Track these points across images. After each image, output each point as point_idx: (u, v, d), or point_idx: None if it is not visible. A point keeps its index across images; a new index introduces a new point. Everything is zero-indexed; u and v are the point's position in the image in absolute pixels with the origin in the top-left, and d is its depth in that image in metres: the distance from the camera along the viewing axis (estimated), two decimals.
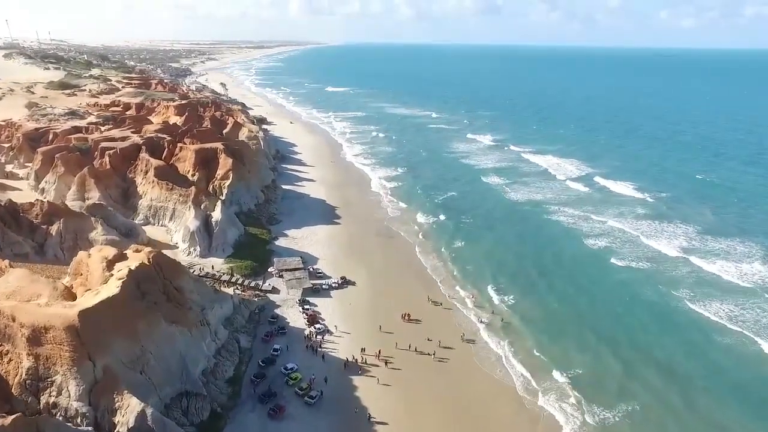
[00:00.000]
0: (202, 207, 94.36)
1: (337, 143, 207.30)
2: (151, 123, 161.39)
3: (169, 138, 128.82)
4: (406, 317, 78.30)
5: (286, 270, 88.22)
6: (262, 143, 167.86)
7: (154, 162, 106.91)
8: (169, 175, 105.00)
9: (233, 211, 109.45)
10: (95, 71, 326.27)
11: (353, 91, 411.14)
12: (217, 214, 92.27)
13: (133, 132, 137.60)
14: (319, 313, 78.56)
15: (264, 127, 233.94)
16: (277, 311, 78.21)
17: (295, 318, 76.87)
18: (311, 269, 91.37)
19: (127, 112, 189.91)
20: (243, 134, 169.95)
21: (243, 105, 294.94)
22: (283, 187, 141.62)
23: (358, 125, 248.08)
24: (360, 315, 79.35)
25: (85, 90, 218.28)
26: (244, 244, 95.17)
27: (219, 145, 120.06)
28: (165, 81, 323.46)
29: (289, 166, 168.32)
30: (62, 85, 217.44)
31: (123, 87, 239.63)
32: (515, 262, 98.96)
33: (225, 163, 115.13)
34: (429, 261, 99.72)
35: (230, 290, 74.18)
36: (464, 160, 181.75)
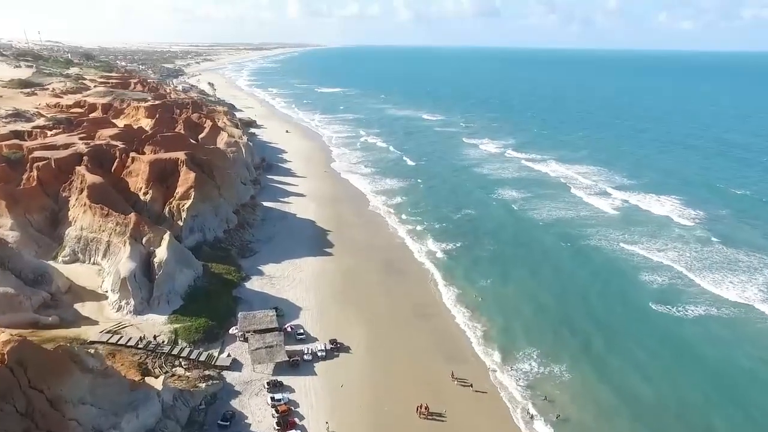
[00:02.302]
0: (144, 241, 70.02)
1: (331, 150, 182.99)
2: (114, 126, 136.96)
3: (123, 146, 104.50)
4: (424, 411, 53.85)
5: (255, 331, 63.84)
6: (243, 150, 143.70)
7: (90, 178, 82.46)
8: (107, 196, 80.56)
9: (195, 240, 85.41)
10: (73, 70, 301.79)
11: (351, 93, 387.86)
12: (162, 253, 67.82)
13: (83, 138, 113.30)
14: (297, 406, 54.13)
15: (252, 130, 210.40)
16: (235, 403, 53.66)
17: (261, 415, 52.32)
18: (289, 328, 67.04)
19: (92, 114, 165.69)
20: (222, 140, 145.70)
21: (231, 106, 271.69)
22: (265, 204, 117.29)
23: (355, 129, 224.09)
24: (356, 406, 54.88)
25: (48, 89, 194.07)
26: (201, 291, 70.65)
27: (180, 155, 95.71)
28: (148, 81, 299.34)
29: (275, 177, 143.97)
30: (23, 84, 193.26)
31: (96, 86, 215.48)
32: (550, 310, 76.19)
33: (186, 177, 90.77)
34: (449, 310, 75.45)
35: (159, 382, 49.44)
36: (471, 170, 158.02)
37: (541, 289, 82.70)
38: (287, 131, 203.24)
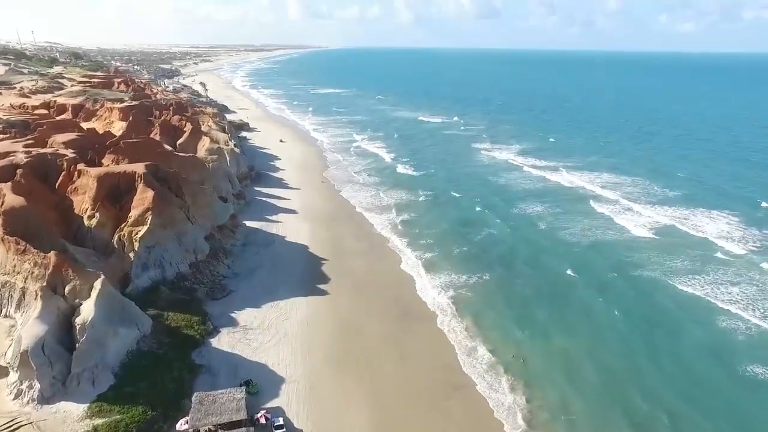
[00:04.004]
0: (66, 291, 51.03)
1: (330, 157, 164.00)
2: (77, 130, 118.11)
3: (73, 155, 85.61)
4: None
5: (213, 426, 44.86)
6: (227, 158, 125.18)
7: (9, 199, 63.40)
8: (31, 223, 61.54)
9: (149, 279, 66.54)
10: (56, 69, 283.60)
11: (350, 94, 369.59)
12: (87, 310, 48.81)
13: (29, 145, 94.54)
14: None
15: (243, 134, 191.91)
16: None
17: None
18: (263, 418, 47.86)
19: (60, 116, 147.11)
20: (203, 146, 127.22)
21: (224, 107, 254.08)
22: (249, 224, 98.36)
23: (354, 133, 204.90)
24: None
25: (15, 88, 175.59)
26: (145, 359, 51.59)
27: (139, 168, 76.69)
28: (136, 80, 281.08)
29: (264, 190, 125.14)
30: None
31: (73, 86, 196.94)
32: (613, 376, 57.41)
33: (143, 197, 71.89)
34: (481, 379, 56.34)
35: None
36: (479, 180, 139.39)
37: (592, 343, 63.95)
38: (281, 140, 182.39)
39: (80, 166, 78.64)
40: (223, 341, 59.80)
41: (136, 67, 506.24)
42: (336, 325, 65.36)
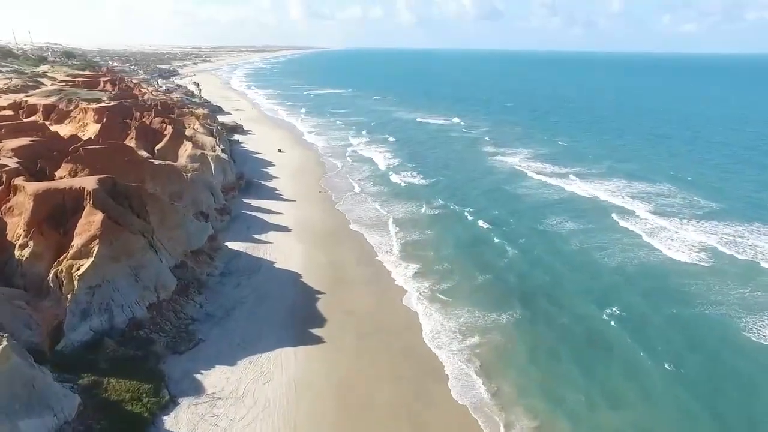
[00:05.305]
0: None
1: (327, 163, 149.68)
2: (41, 134, 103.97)
3: (15, 165, 71.41)
4: None
5: None
6: (212, 165, 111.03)
7: None
8: None
9: (90, 330, 52.14)
10: (43, 68, 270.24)
11: (350, 95, 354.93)
12: None
13: None
14: None
15: (236, 137, 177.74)
16: None
17: None
18: None
19: (30, 117, 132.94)
20: (185, 152, 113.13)
21: (218, 108, 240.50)
22: (232, 245, 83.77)
23: (355, 137, 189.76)
24: None
25: None
26: None
27: (89, 184, 62.30)
28: (125, 79, 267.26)
29: (254, 202, 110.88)
30: None
31: (53, 84, 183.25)
32: None
33: (89, 221, 57.52)
34: None
35: None
36: (493, 188, 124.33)
37: (647, 416, 48.68)
38: (280, 150, 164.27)
39: (17, 180, 64.39)
40: (182, 419, 45.30)
41: (132, 66, 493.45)
42: (332, 391, 50.70)
